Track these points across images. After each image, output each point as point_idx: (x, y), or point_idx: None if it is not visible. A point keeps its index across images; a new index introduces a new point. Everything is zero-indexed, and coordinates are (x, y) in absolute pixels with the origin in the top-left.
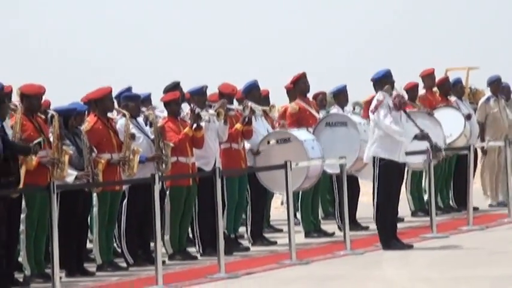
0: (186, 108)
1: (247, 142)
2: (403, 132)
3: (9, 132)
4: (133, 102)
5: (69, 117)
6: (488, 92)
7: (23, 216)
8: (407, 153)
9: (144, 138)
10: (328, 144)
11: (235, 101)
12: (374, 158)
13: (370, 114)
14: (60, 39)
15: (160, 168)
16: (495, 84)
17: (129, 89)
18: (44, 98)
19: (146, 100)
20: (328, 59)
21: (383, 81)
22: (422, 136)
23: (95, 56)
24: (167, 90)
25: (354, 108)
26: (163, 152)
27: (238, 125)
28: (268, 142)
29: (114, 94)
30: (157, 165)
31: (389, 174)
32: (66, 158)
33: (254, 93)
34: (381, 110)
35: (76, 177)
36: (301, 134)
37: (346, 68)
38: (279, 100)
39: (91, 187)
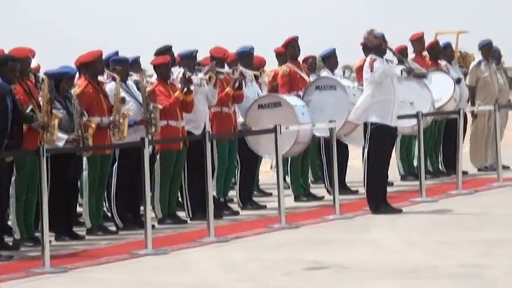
0: (176, 71)
1: (238, 107)
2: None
3: None
4: (122, 66)
5: (60, 80)
6: (478, 56)
7: (13, 179)
8: (398, 117)
9: (133, 102)
10: (317, 107)
11: (226, 66)
12: (365, 122)
13: (366, 74)
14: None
15: (150, 131)
16: (486, 48)
17: (116, 53)
18: (36, 62)
19: (135, 63)
20: (318, 23)
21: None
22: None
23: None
24: (158, 53)
25: (344, 72)
26: (152, 115)
27: (228, 89)
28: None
29: (111, 57)
30: (147, 128)
31: (380, 138)
32: (56, 121)
33: (247, 59)
34: (375, 64)
35: (66, 141)
36: (292, 99)
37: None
38: (269, 65)
39: (81, 151)
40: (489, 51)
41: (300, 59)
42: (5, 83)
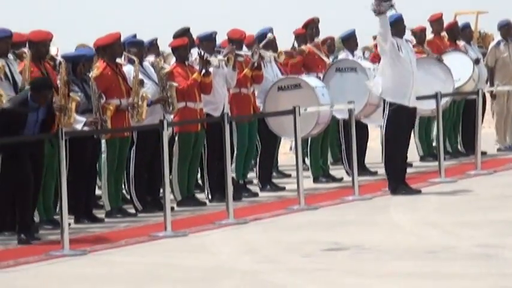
0: (195, 53)
1: (257, 88)
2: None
3: (19, 78)
4: (137, 48)
5: (78, 63)
6: (498, 36)
7: None
8: (417, 98)
9: (151, 83)
10: (338, 89)
11: (244, 47)
12: (384, 101)
13: (379, 47)
14: None
15: (167, 109)
16: (505, 28)
17: (134, 36)
18: (56, 49)
19: (152, 46)
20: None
21: (395, 26)
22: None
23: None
24: (176, 36)
25: (363, 53)
26: (168, 93)
27: (247, 70)
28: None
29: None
30: (164, 108)
31: (398, 119)
32: (74, 104)
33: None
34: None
35: (85, 124)
36: (312, 80)
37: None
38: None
39: (99, 133)
40: (508, 31)
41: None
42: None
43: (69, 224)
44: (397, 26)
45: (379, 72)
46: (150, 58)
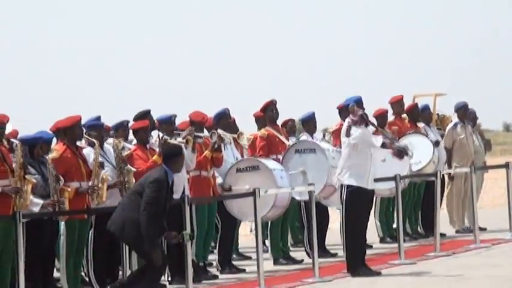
0: (155, 135)
1: (216, 171)
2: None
3: None
4: (96, 131)
5: (35, 145)
6: (455, 118)
7: None
8: (376, 180)
9: (109, 166)
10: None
11: (205, 130)
12: (342, 185)
13: (343, 138)
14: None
15: (124, 193)
16: (462, 110)
17: (98, 118)
18: (11, 127)
19: (121, 127)
20: (296, 86)
21: (358, 105)
22: (390, 139)
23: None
24: (137, 118)
25: (324, 135)
26: (126, 178)
27: (207, 152)
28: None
29: (85, 123)
30: (121, 192)
31: (357, 201)
32: (29, 187)
33: (224, 121)
34: (353, 127)
35: (42, 206)
36: (270, 163)
37: (315, 95)
38: (248, 129)
39: (57, 215)
40: (465, 113)
41: (279, 122)
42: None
43: None
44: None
45: (340, 163)
46: (110, 140)
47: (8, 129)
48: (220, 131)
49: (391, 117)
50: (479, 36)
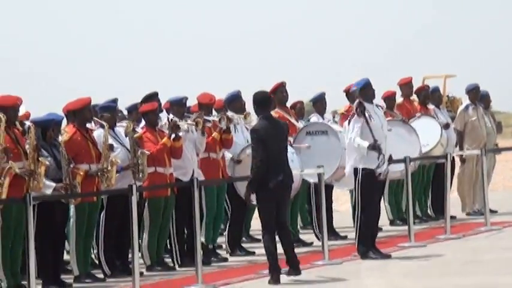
0: (165, 118)
1: (227, 152)
2: (364, 148)
3: None
4: (109, 113)
5: (47, 128)
6: (466, 100)
7: None
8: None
9: (122, 148)
10: (309, 153)
11: (214, 111)
12: (356, 168)
13: (345, 123)
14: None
15: (137, 176)
16: (473, 92)
17: (114, 101)
18: (24, 109)
19: (134, 110)
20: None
21: (364, 91)
22: (373, 147)
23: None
24: (144, 100)
25: (333, 117)
26: (139, 160)
27: (215, 134)
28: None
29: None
30: (134, 174)
31: (369, 184)
32: (43, 169)
33: (236, 104)
34: (352, 120)
35: (54, 189)
36: None
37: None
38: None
39: (67, 198)
40: (476, 95)
41: (288, 104)
42: None
43: None
44: (366, 92)
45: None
46: (123, 123)
47: (22, 111)
48: (229, 112)
49: (400, 99)
50: (490, 17)
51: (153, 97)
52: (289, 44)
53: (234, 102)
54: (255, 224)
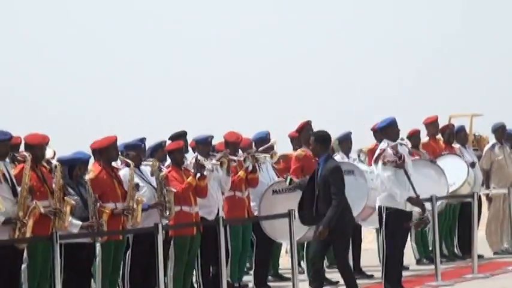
0: (190, 157)
1: (253, 191)
2: (399, 192)
3: (15, 181)
4: (135, 151)
5: (74, 166)
6: (492, 139)
7: (24, 266)
8: None
9: (147, 187)
10: None
11: (240, 150)
12: (380, 207)
13: (373, 163)
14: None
15: (164, 214)
16: (500, 131)
17: (142, 140)
18: (50, 150)
19: (160, 148)
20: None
21: (389, 130)
22: (416, 201)
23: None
24: (172, 138)
25: (358, 156)
26: (166, 198)
27: (241, 172)
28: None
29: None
30: (161, 212)
31: (396, 223)
32: (68, 208)
33: (264, 144)
34: (379, 161)
35: (81, 228)
36: None
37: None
38: (282, 149)
39: (94, 237)
40: (503, 134)
41: None
42: None
43: None
44: (391, 130)
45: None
46: (148, 161)
47: (49, 153)
48: (254, 152)
49: (425, 138)
50: None
51: (181, 136)
52: (313, 81)
53: (263, 143)
54: (282, 263)
